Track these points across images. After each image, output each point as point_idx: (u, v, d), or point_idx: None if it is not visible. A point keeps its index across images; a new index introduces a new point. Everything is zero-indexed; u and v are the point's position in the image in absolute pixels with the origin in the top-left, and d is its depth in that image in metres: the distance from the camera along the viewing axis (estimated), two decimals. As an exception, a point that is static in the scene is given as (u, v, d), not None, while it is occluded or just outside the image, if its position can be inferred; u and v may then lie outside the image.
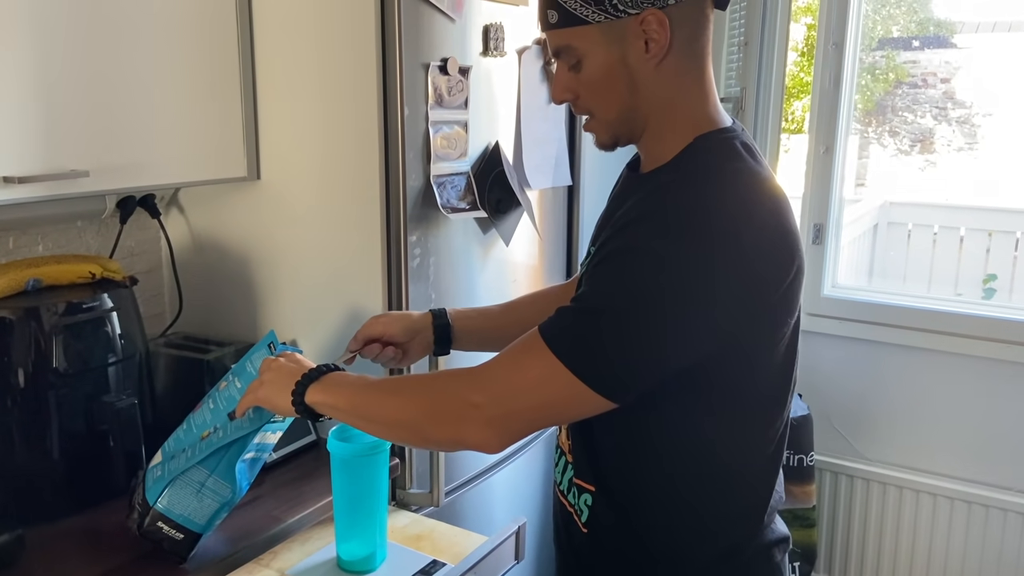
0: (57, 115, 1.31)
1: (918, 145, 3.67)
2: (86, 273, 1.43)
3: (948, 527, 2.44)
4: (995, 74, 3.01)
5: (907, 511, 2.49)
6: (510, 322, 1.40)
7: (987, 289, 3.47)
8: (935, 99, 3.47)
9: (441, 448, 1.43)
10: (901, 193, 3.74)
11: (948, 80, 3.45)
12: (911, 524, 2.49)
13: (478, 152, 1.68)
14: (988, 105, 3.24)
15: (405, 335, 1.35)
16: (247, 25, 1.59)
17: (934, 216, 3.84)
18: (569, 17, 1.01)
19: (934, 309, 2.46)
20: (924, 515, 2.47)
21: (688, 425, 1.05)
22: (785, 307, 1.01)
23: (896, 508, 2.49)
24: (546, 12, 1.04)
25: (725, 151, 1.03)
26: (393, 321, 1.36)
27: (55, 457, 1.36)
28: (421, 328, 1.36)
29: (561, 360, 0.96)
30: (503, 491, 1.92)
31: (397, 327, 1.35)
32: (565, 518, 1.20)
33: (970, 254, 3.66)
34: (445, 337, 1.37)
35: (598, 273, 1.00)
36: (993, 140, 3.27)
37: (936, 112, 3.53)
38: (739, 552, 1.11)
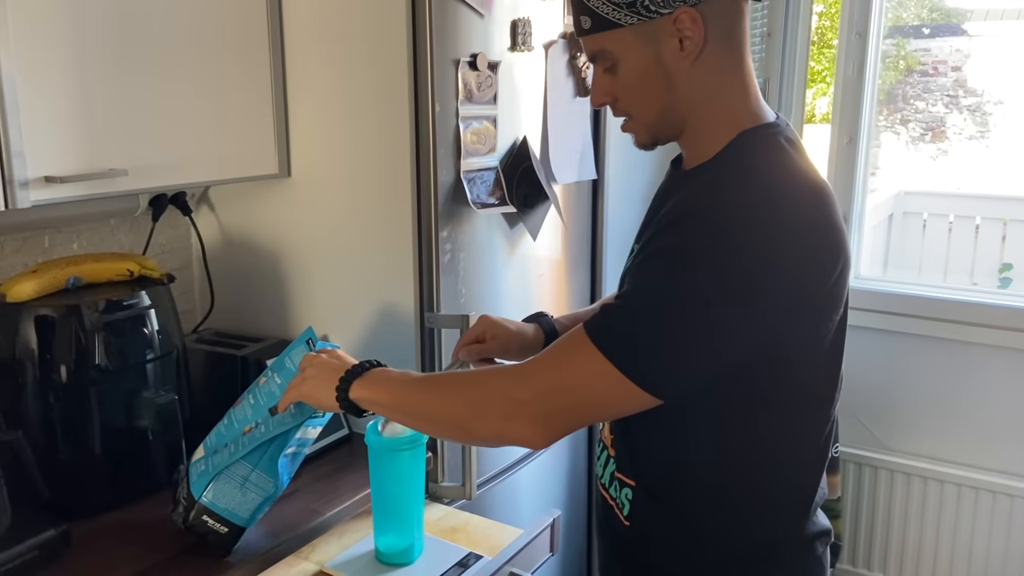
0: (96, 115, 1.33)
1: (929, 134, 3.65)
2: (124, 271, 1.44)
3: (972, 517, 2.45)
4: (1006, 61, 2.99)
5: (931, 501, 2.49)
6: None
7: (1003, 279, 3.46)
8: (946, 87, 3.46)
9: (485, 444, 1.44)
10: (915, 182, 3.73)
11: (959, 68, 3.43)
12: (935, 514, 2.49)
13: (506, 147, 1.69)
14: (999, 93, 3.22)
15: (518, 356, 1.35)
16: (277, 24, 1.61)
17: (949, 205, 3.83)
18: (602, 22, 1.02)
19: (951, 299, 2.46)
20: (948, 504, 2.47)
21: (732, 421, 1.05)
22: (831, 302, 1.01)
23: (920, 498, 2.50)
24: (579, 18, 1.05)
25: (769, 147, 1.03)
26: (506, 344, 1.35)
27: (97, 452, 1.38)
28: (534, 346, 1.36)
29: (607, 357, 0.96)
30: (530, 484, 1.93)
31: (511, 351, 1.35)
32: (607, 511, 1.21)
33: (985, 243, 3.65)
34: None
35: (643, 271, 1.00)
36: (1005, 128, 3.26)
37: (948, 100, 3.51)
38: (782, 545, 1.12)
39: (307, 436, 1.35)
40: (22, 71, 1.21)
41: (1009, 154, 3.24)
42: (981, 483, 2.43)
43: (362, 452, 1.59)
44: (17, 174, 1.22)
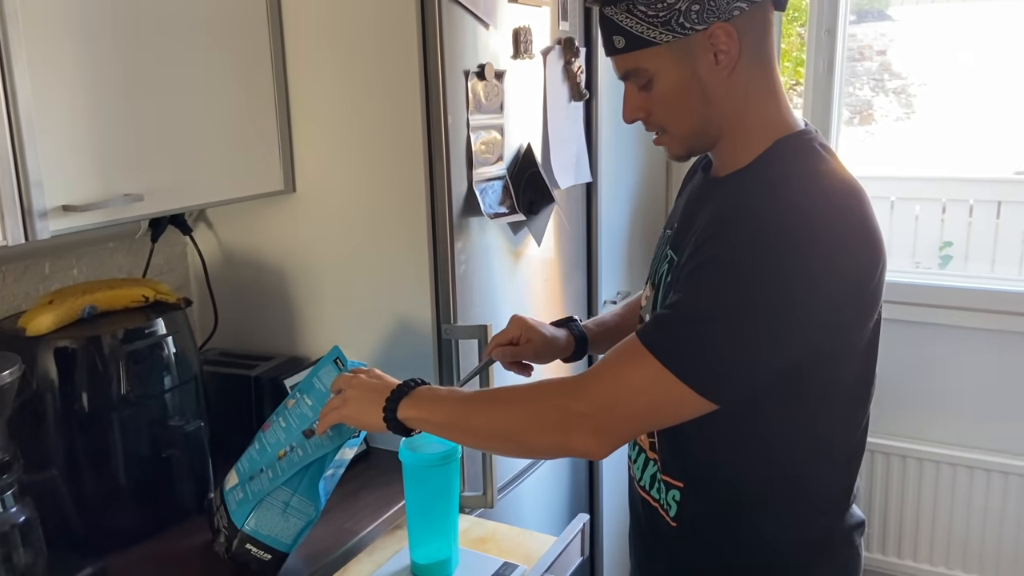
0: (109, 141, 1.30)
1: (857, 117, 3.77)
2: (139, 297, 1.41)
3: (951, 490, 2.56)
4: (926, 44, 3.11)
5: (910, 479, 2.59)
6: (632, 320, 1.42)
7: (943, 256, 3.59)
8: (872, 71, 3.57)
9: (543, 456, 1.45)
10: (855, 167, 3.83)
11: (884, 52, 3.55)
12: (915, 494, 2.59)
13: (511, 155, 1.70)
14: (922, 75, 3.33)
15: (548, 359, 1.40)
16: (279, 41, 1.59)
17: (888, 188, 3.96)
18: (637, 41, 1.03)
19: (896, 281, 2.56)
20: (927, 482, 2.58)
21: (781, 421, 1.08)
22: (873, 302, 1.05)
23: (900, 478, 2.59)
24: (611, 38, 1.06)
25: (808, 153, 1.06)
26: (541, 349, 1.38)
27: (125, 484, 1.34)
28: (565, 348, 1.41)
29: (666, 366, 0.98)
30: (537, 489, 1.95)
31: (545, 355, 1.39)
32: (649, 513, 1.23)
33: (925, 224, 3.79)
34: (582, 350, 1.42)
35: (695, 281, 1.01)
36: (928, 109, 3.37)
37: (874, 84, 3.63)
38: (826, 538, 1.15)
39: (344, 457, 1.34)
40: (37, 98, 1.17)
41: (933, 134, 3.35)
42: (947, 458, 2.54)
43: (384, 467, 1.60)
44: (36, 204, 1.18)
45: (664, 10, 1.00)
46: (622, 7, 1.03)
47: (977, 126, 3.21)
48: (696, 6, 1.00)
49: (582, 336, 1.40)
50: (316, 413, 1.26)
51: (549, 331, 1.38)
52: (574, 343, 1.40)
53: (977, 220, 3.07)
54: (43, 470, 1.21)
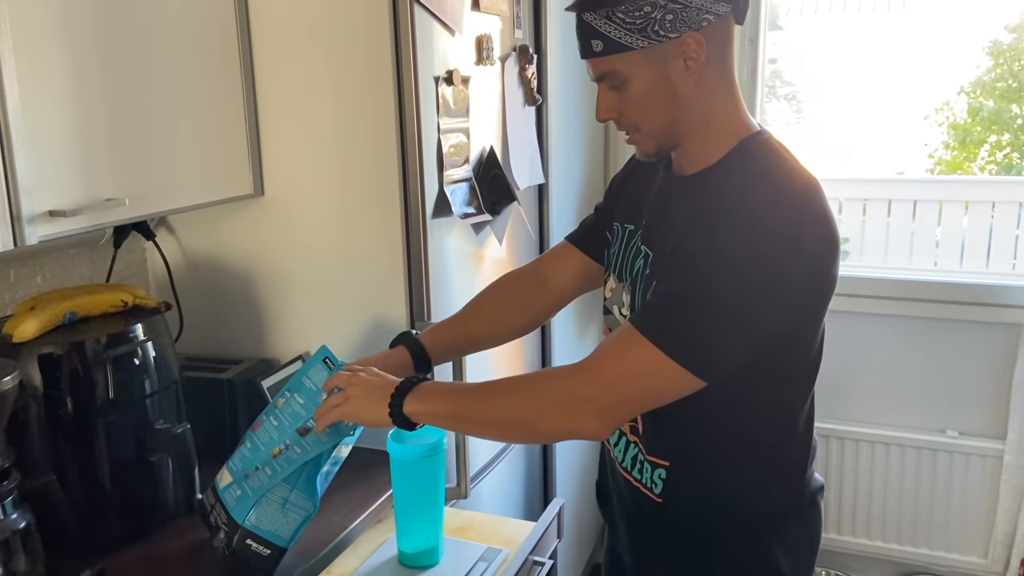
0: (92, 145, 1.30)
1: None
2: (118, 302, 1.41)
3: (863, 465, 2.76)
4: (815, 54, 3.33)
5: (832, 458, 2.78)
6: (474, 327, 1.48)
7: (843, 252, 3.85)
8: (765, 78, 3.80)
9: (550, 440, 1.50)
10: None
11: (775, 61, 3.79)
12: (837, 470, 2.78)
13: (475, 158, 1.76)
14: (809, 82, 3.56)
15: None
16: (247, 47, 1.61)
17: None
18: (614, 45, 1.11)
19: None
20: (834, 458, 2.78)
21: (758, 394, 1.19)
22: (832, 287, 1.16)
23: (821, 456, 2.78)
24: (589, 42, 1.13)
25: (770, 152, 1.17)
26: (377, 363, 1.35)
27: (115, 487, 1.34)
28: (402, 364, 1.39)
29: (662, 349, 1.06)
30: (503, 477, 2.02)
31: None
32: (633, 492, 1.32)
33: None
34: (424, 362, 1.41)
35: (685, 269, 1.10)
36: (816, 114, 3.60)
37: (767, 91, 3.87)
38: (796, 498, 1.27)
39: (340, 454, 1.37)
40: (25, 105, 1.17)
41: (820, 137, 3.58)
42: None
43: (363, 463, 1.63)
44: (25, 210, 1.18)
45: (641, 18, 1.09)
46: (601, 13, 1.10)
47: (861, 130, 3.45)
48: (670, 16, 1.08)
49: (419, 351, 1.41)
50: (308, 411, 1.28)
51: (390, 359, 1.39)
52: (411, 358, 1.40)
53: (870, 217, 3.31)
54: (31, 476, 1.20)
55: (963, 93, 3.58)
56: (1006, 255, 3.02)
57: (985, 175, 3.61)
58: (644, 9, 1.08)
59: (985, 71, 3.50)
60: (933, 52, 3.20)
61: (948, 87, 3.43)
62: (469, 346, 1.53)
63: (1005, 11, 3.16)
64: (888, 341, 2.73)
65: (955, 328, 2.65)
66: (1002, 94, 3.54)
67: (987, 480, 2.64)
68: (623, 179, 1.41)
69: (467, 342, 1.50)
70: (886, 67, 3.26)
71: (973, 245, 3.12)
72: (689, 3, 1.08)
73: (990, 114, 3.57)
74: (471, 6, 1.69)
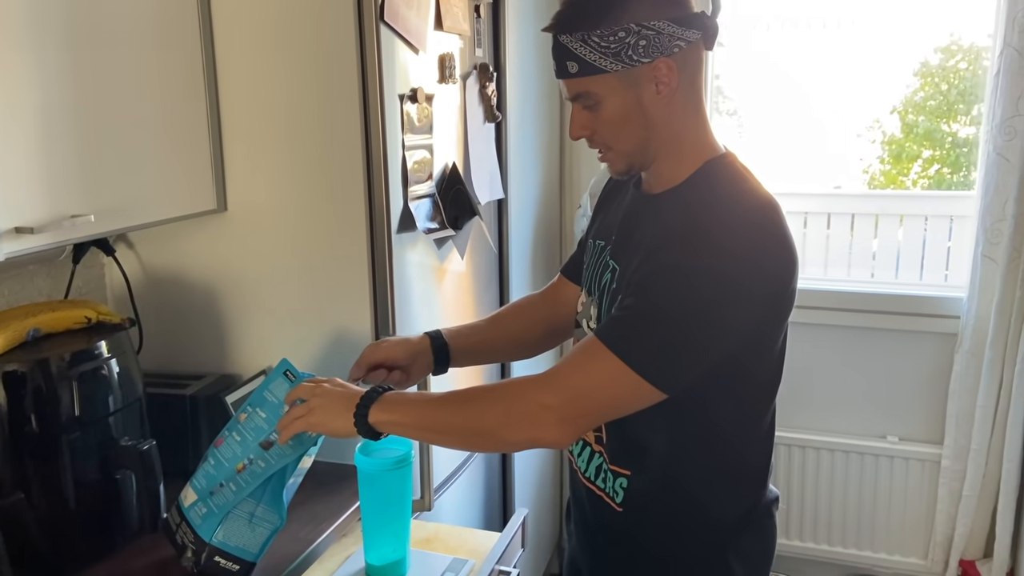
0: (58, 163, 1.29)
1: None
2: (82, 318, 1.39)
3: (809, 472, 2.85)
4: (752, 69, 3.45)
5: (780, 465, 2.86)
6: (498, 335, 1.53)
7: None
8: (711, 95, 3.92)
9: (514, 449, 1.50)
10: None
11: (718, 76, 3.90)
12: (784, 477, 2.87)
13: (438, 174, 1.79)
14: (749, 98, 3.67)
15: (407, 358, 1.42)
16: (211, 66, 1.61)
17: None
18: (588, 67, 1.15)
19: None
20: (782, 465, 2.86)
21: (717, 407, 1.23)
22: (790, 302, 1.21)
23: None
24: (565, 63, 1.17)
25: (733, 173, 1.22)
26: (394, 346, 1.43)
27: (83, 504, 1.33)
28: (421, 350, 1.44)
29: (624, 361, 1.10)
30: (465, 489, 2.04)
31: (400, 351, 1.42)
32: (594, 501, 1.35)
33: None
34: (444, 358, 1.46)
35: (648, 285, 1.14)
36: (757, 129, 3.71)
37: (711, 106, 3.99)
38: (752, 509, 1.31)
39: (304, 466, 1.38)
40: (-8, 119, 1.16)
41: (761, 152, 3.69)
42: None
43: (327, 478, 1.64)
44: (-9, 227, 1.17)
45: (616, 43, 1.13)
46: (577, 36, 1.14)
47: (800, 145, 3.58)
48: (643, 41, 1.13)
49: (441, 343, 1.45)
50: (271, 425, 1.29)
51: (410, 344, 1.43)
52: (432, 350, 1.44)
53: (811, 230, 3.43)
54: (15, 494, 1.19)
55: (896, 112, 3.73)
56: (939, 267, 3.15)
57: (918, 190, 3.76)
58: (619, 34, 1.12)
59: (915, 91, 3.65)
60: (868, 72, 3.33)
61: (881, 105, 3.58)
62: (488, 354, 1.57)
63: (934, 34, 3.32)
64: (829, 351, 2.83)
65: (893, 338, 2.77)
66: (932, 112, 3.70)
67: (926, 484, 2.75)
68: (602, 200, 1.44)
69: (488, 349, 1.53)
70: (824, 85, 3.39)
71: (908, 257, 3.25)
72: (662, 30, 1.13)
73: (923, 131, 3.72)
74: (434, 25, 1.72)
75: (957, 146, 3.61)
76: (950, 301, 2.70)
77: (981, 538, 2.68)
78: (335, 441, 1.61)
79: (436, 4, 1.71)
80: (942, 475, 2.70)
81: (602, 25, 1.12)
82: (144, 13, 1.45)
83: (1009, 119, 2.41)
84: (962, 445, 2.64)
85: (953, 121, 3.64)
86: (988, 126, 2.48)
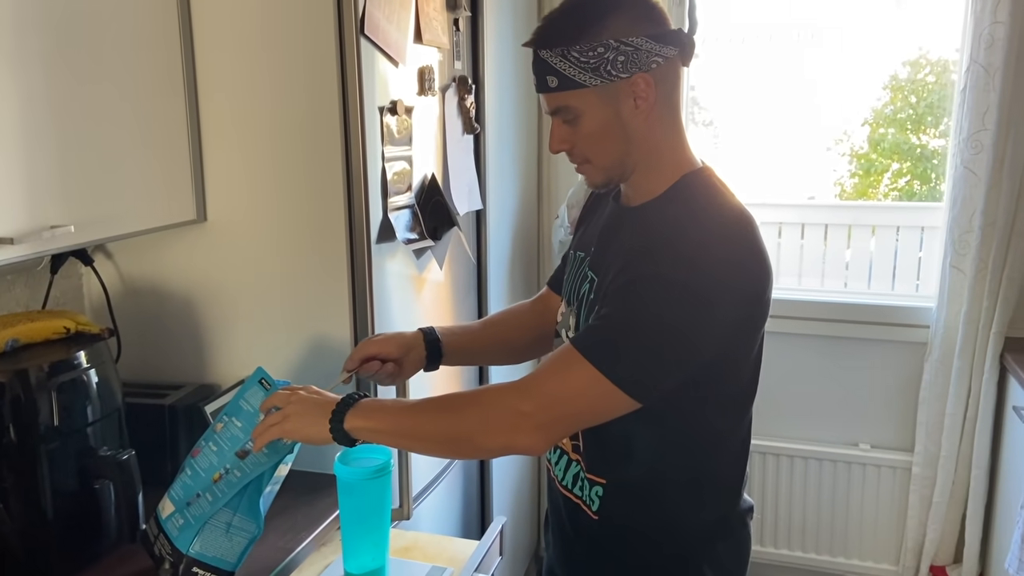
0: (39, 174, 1.30)
1: None
2: (61, 329, 1.40)
3: (783, 479, 2.89)
4: (729, 81, 3.50)
5: (754, 472, 2.90)
6: (490, 337, 1.56)
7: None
8: (686, 106, 3.97)
9: (490, 456, 1.53)
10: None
11: (694, 88, 3.96)
12: (759, 484, 2.90)
13: (418, 185, 1.80)
14: (723, 108, 3.73)
15: (400, 352, 1.44)
16: (192, 77, 1.62)
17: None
18: (568, 82, 1.18)
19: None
20: (756, 472, 2.90)
21: (693, 416, 1.25)
22: (764, 313, 1.24)
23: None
24: (545, 78, 1.19)
25: (709, 187, 1.25)
26: (387, 340, 1.45)
27: (59, 514, 1.32)
28: (414, 345, 1.46)
29: (599, 369, 1.12)
30: (444, 497, 2.05)
31: (392, 345, 1.44)
32: (571, 509, 1.37)
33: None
34: (436, 354, 1.48)
35: (624, 295, 1.16)
36: (733, 140, 3.77)
37: (686, 117, 4.04)
38: (726, 518, 1.34)
39: (280, 474, 1.38)
40: (-28, 130, 1.17)
41: (737, 163, 3.74)
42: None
43: (305, 488, 1.65)
44: (-29, 237, 1.17)
45: (595, 58, 1.16)
46: (557, 51, 1.17)
47: (775, 157, 3.63)
48: (622, 57, 1.16)
49: (434, 339, 1.48)
50: (247, 434, 1.28)
51: (404, 338, 1.46)
52: (425, 345, 1.47)
53: (785, 240, 3.48)
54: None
55: (867, 124, 3.80)
56: (910, 277, 3.21)
57: (889, 201, 3.82)
58: (598, 50, 1.15)
59: (885, 103, 3.72)
60: (840, 84, 3.40)
61: (852, 118, 3.64)
62: (479, 355, 1.59)
63: (904, 48, 3.40)
64: (803, 360, 2.88)
65: (865, 347, 2.82)
66: (901, 125, 3.77)
67: (897, 491, 2.80)
68: (584, 212, 1.47)
69: (479, 350, 1.55)
70: (798, 97, 3.45)
71: (880, 268, 3.31)
72: (640, 46, 1.15)
73: (891, 144, 3.79)
74: (414, 39, 1.74)
75: (926, 158, 3.68)
76: (920, 311, 2.75)
77: (951, 544, 2.73)
78: (315, 451, 1.63)
79: (416, 17, 1.73)
80: (913, 482, 2.75)
81: (582, 41, 1.15)
82: (125, 26, 1.46)
83: (976, 133, 2.47)
84: (932, 452, 2.69)
85: (923, 133, 3.72)
86: (956, 140, 2.54)
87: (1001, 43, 2.37)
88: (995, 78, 2.41)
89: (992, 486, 2.63)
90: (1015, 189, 2.46)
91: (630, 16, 1.16)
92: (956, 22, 2.61)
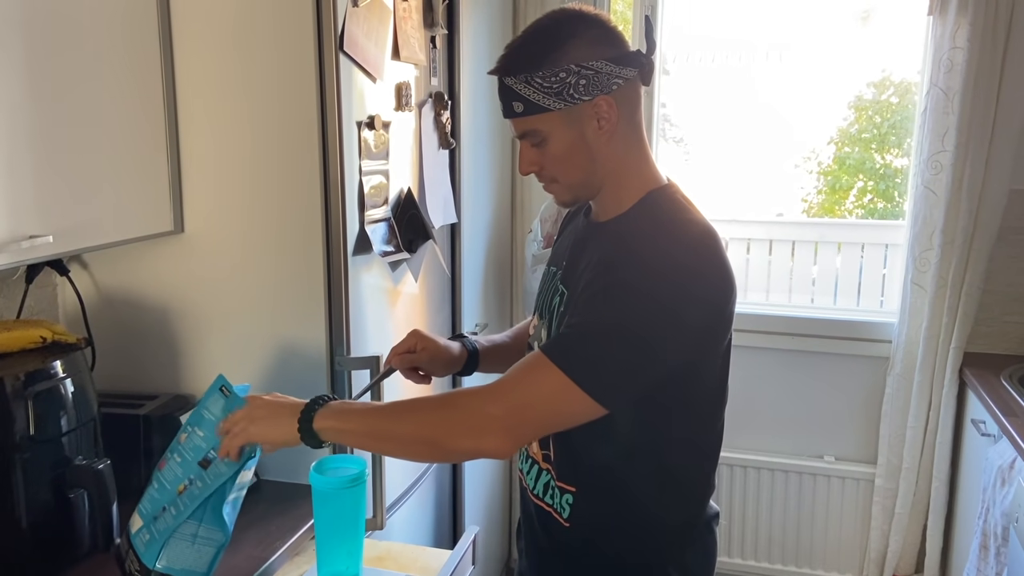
0: (16, 183, 1.30)
1: None
2: (37, 338, 1.40)
3: (751, 491, 2.94)
4: (700, 97, 3.57)
5: (722, 483, 2.94)
6: (520, 343, 1.58)
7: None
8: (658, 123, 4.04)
9: (458, 459, 1.55)
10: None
11: (665, 105, 4.04)
12: (727, 495, 2.95)
13: (394, 198, 1.83)
14: (693, 125, 3.81)
15: (445, 370, 1.51)
16: (171, 90, 1.64)
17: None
18: (533, 107, 1.22)
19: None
20: (724, 483, 2.95)
21: (659, 424, 1.28)
22: (728, 323, 1.28)
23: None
24: (511, 104, 1.24)
25: (674, 203, 1.29)
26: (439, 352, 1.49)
27: (33, 523, 1.33)
28: (459, 353, 1.52)
29: (568, 375, 1.15)
30: (416, 507, 2.07)
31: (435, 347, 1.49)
32: (543, 517, 1.39)
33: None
34: (473, 362, 1.54)
35: (591, 305, 1.20)
36: (703, 157, 3.84)
37: (656, 134, 4.11)
38: (693, 525, 1.37)
39: (244, 479, 1.37)
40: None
41: (707, 179, 3.81)
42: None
43: (278, 497, 1.66)
44: (-51, 246, 1.18)
45: (557, 83, 1.20)
46: (521, 78, 1.21)
47: (743, 174, 3.70)
48: (583, 81, 1.20)
49: (474, 349, 1.54)
50: (209, 443, 1.27)
51: (443, 342, 1.51)
52: (466, 355, 1.53)
53: (753, 256, 3.55)
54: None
55: (832, 143, 3.88)
56: (874, 293, 3.29)
57: (854, 219, 3.91)
58: (560, 75, 1.19)
59: (850, 123, 3.82)
60: (806, 103, 3.48)
61: (819, 136, 3.73)
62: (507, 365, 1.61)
63: (868, 69, 3.49)
64: (769, 373, 2.94)
65: (831, 361, 2.88)
66: (865, 144, 3.86)
67: (861, 502, 2.86)
68: (560, 229, 1.51)
69: (514, 357, 1.56)
70: (766, 115, 3.52)
71: (845, 284, 3.38)
72: (600, 69, 1.20)
73: (855, 162, 3.88)
74: (391, 55, 1.77)
75: (889, 176, 3.78)
76: (883, 326, 2.82)
77: (912, 554, 2.79)
78: (289, 460, 1.65)
79: (394, 35, 1.77)
80: (876, 494, 2.81)
81: (544, 67, 1.19)
82: (104, 36, 1.47)
83: (935, 154, 2.55)
84: (894, 465, 2.76)
85: (886, 152, 3.81)
86: (916, 160, 2.62)
87: (960, 68, 2.46)
88: (954, 101, 2.49)
89: (952, 497, 2.70)
90: (973, 209, 2.54)
91: (589, 41, 1.21)
92: (918, 45, 2.69)
